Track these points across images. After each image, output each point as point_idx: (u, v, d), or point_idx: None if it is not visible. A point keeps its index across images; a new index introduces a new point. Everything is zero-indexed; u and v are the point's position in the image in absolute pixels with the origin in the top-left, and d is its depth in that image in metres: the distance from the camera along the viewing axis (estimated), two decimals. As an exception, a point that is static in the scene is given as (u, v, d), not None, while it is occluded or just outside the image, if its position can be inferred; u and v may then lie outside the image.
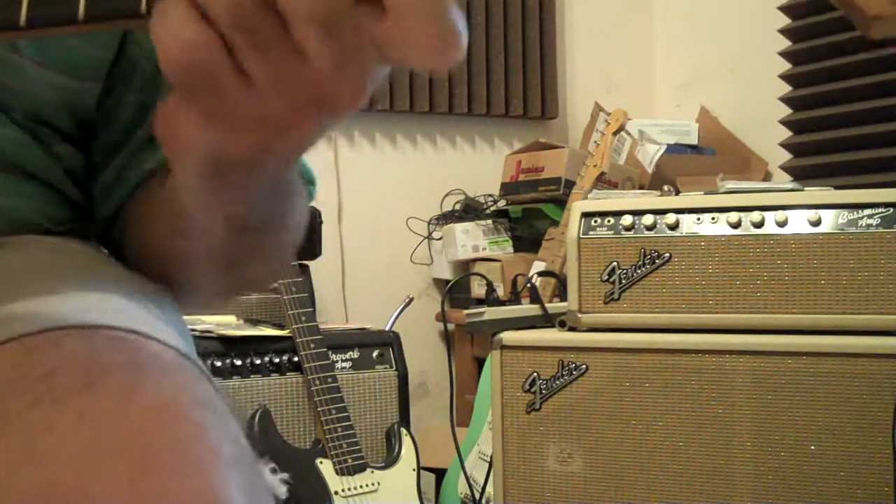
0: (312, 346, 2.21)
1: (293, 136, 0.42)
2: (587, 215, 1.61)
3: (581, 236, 1.61)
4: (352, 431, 2.19)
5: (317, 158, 0.61)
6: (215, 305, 2.26)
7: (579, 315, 1.60)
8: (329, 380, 2.20)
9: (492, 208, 3.13)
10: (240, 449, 0.47)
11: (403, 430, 2.34)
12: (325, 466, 2.16)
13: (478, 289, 2.83)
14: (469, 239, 3.01)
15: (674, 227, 1.55)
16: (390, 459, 2.28)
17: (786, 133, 2.79)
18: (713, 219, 1.54)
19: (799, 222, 1.49)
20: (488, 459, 1.75)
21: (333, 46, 0.38)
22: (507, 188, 3.07)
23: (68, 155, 0.70)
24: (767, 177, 3.01)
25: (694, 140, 3.12)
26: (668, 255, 1.55)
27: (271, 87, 0.40)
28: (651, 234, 1.57)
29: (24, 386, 0.44)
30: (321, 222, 2.64)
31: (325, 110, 0.41)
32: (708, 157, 3.09)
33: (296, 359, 2.23)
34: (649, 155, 2.94)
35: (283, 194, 0.55)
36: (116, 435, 0.42)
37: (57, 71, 0.65)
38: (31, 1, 0.42)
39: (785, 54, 2.76)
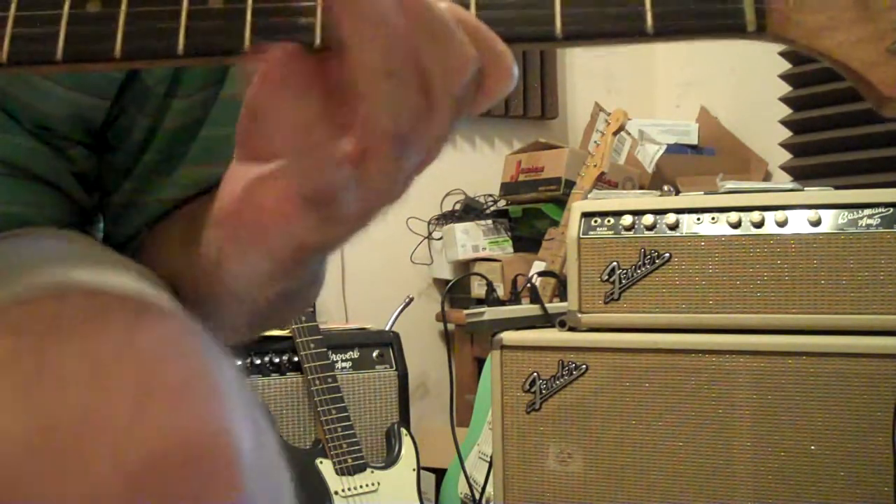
0: (312, 346, 2.21)
1: (380, 214, 0.47)
2: (587, 215, 1.61)
3: (581, 236, 1.61)
4: (352, 431, 2.19)
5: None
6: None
7: (579, 315, 1.60)
8: (329, 380, 2.21)
9: (492, 208, 3.13)
10: (241, 387, 0.48)
11: (403, 430, 2.34)
12: (325, 466, 2.16)
13: (478, 289, 2.83)
14: (469, 239, 3.01)
15: (674, 227, 1.55)
16: (390, 459, 2.28)
17: (786, 133, 2.78)
18: (713, 219, 1.54)
19: (799, 222, 1.49)
20: (488, 459, 1.74)
21: (454, 110, 0.43)
22: (507, 188, 3.07)
23: (80, 158, 0.70)
24: (767, 177, 3.01)
25: (694, 140, 3.12)
26: (668, 255, 1.55)
27: (383, 181, 0.44)
28: (651, 234, 1.57)
29: (26, 329, 0.45)
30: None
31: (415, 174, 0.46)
32: (708, 157, 3.09)
33: (296, 359, 2.23)
34: (649, 155, 2.94)
35: (328, 257, 0.59)
36: (120, 366, 0.43)
37: (67, 86, 0.65)
38: (125, 35, 0.42)
39: (785, 54, 2.76)
